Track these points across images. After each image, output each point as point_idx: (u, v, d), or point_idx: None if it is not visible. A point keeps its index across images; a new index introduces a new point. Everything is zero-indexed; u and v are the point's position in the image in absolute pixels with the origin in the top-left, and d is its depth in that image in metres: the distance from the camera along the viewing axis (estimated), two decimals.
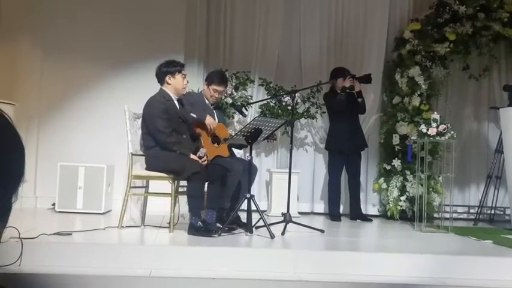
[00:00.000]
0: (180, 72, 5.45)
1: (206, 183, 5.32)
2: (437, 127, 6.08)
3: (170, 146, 5.22)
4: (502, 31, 7.60)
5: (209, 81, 5.87)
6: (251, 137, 5.41)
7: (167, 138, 5.22)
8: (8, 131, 0.99)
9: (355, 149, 7.21)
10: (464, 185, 8.18)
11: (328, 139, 7.39)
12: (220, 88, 5.86)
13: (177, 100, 5.50)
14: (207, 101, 5.88)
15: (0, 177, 0.95)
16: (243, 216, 5.50)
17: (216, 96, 5.89)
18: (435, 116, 6.23)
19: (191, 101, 5.75)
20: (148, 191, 5.71)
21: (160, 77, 5.47)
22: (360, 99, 7.10)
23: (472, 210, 8.13)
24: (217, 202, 5.39)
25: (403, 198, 7.36)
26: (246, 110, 7.07)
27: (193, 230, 5.06)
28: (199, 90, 6.40)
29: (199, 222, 5.08)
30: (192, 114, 5.54)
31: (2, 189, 0.96)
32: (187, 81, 5.65)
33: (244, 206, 5.36)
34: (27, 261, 4.00)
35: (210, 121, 5.59)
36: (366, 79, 7.04)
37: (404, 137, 7.46)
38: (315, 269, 4.35)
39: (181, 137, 5.35)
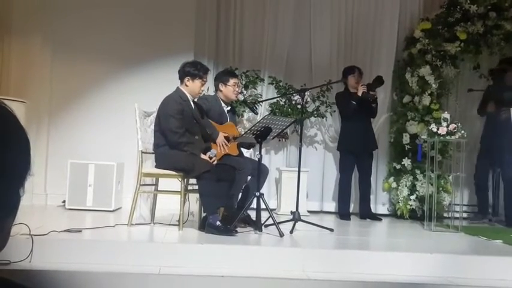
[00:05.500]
0: (200, 78, 5.43)
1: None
2: (447, 126, 6.06)
3: (181, 147, 5.22)
4: None
5: (224, 80, 5.88)
6: (261, 135, 5.41)
7: (179, 138, 5.22)
8: (11, 123, 0.99)
9: (366, 149, 7.20)
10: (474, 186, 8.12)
11: (340, 139, 7.37)
12: (237, 80, 5.99)
13: (193, 101, 5.51)
14: (223, 104, 5.89)
15: (5, 171, 0.95)
16: (253, 215, 5.52)
17: (237, 90, 5.99)
18: (445, 115, 6.21)
19: (208, 107, 5.75)
20: (158, 189, 5.73)
21: (181, 76, 5.46)
22: (374, 104, 7.10)
23: None
24: (225, 201, 5.39)
25: (412, 197, 7.34)
26: (256, 107, 7.07)
27: (212, 228, 5.05)
28: (214, 93, 6.32)
29: (218, 222, 5.08)
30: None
31: (8, 182, 0.97)
32: (203, 90, 5.63)
33: (253, 204, 5.38)
34: (38, 258, 4.03)
35: (221, 140, 5.59)
36: (378, 82, 7.00)
37: (414, 136, 7.45)
38: (324, 268, 4.34)
39: (193, 138, 5.35)
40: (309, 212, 7.23)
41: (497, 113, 7.15)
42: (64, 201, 6.76)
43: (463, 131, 6.07)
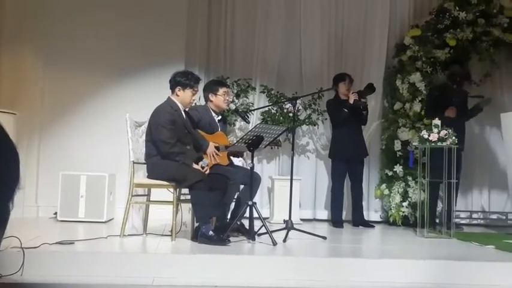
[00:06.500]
0: (191, 88, 5.41)
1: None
2: (438, 133, 6.08)
3: (173, 157, 5.20)
4: (502, 36, 7.60)
5: (214, 89, 5.89)
6: (253, 144, 5.41)
7: (171, 148, 5.19)
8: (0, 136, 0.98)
9: (357, 156, 7.21)
10: (466, 191, 8.14)
11: (331, 147, 7.38)
12: (227, 89, 6.02)
13: (184, 111, 5.50)
14: (213, 114, 5.89)
15: None
16: (246, 224, 5.51)
17: (228, 98, 5.99)
18: (436, 121, 6.23)
19: (198, 117, 5.75)
20: (150, 199, 5.71)
21: (172, 86, 5.44)
22: (364, 112, 7.13)
23: (474, 215, 8.11)
24: (217, 211, 5.38)
25: (405, 204, 7.35)
26: (248, 116, 7.07)
27: (205, 238, 5.03)
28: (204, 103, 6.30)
29: (211, 231, 5.07)
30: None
31: None
32: (194, 99, 5.59)
33: (246, 213, 5.37)
34: (29, 271, 4.00)
35: (211, 150, 5.60)
36: (369, 90, 7.01)
37: (405, 143, 7.47)
38: (317, 276, 4.34)
39: (185, 148, 5.33)
40: (301, 220, 7.24)
41: (458, 118, 7.06)
42: (56, 213, 6.72)
43: (454, 137, 6.09)
